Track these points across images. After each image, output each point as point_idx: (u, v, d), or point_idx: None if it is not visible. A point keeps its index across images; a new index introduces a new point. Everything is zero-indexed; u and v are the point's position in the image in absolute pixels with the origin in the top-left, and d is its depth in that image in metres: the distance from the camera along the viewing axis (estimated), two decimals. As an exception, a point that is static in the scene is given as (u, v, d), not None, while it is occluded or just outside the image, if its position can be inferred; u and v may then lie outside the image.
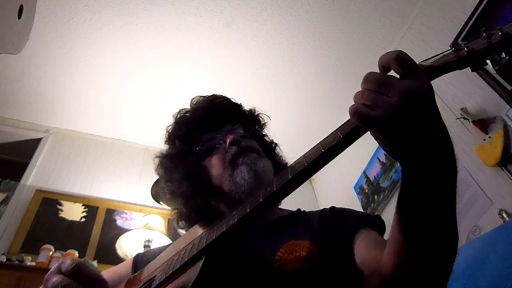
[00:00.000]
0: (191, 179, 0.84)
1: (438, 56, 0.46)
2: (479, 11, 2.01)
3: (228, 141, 0.83)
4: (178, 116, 0.94)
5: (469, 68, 0.45)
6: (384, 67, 0.44)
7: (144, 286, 0.62)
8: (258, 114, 1.00)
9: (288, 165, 0.62)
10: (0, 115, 3.09)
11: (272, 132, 1.02)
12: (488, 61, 0.43)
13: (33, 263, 2.20)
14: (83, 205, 2.79)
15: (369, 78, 0.43)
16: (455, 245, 0.52)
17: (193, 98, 0.97)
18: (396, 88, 0.41)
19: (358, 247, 0.67)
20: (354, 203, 2.88)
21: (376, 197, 2.70)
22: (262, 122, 1.00)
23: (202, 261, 0.56)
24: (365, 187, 2.88)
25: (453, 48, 0.45)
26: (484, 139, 1.85)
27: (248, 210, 0.53)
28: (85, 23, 2.51)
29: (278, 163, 0.94)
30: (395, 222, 0.52)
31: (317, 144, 0.50)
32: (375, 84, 0.42)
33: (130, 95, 3.00)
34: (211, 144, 0.86)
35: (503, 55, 0.42)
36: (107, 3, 2.40)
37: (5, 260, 2.17)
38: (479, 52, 0.43)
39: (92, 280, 0.56)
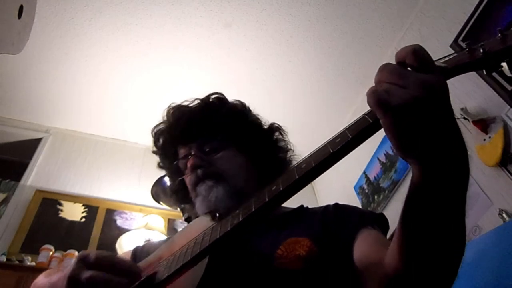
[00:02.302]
0: (178, 192, 0.92)
1: (451, 57, 0.45)
2: (479, 11, 2.01)
3: (188, 166, 0.84)
4: (156, 130, 0.96)
5: (483, 70, 0.44)
6: (400, 61, 0.43)
7: (144, 279, 0.61)
8: (243, 108, 0.95)
9: (293, 164, 0.61)
10: (0, 115, 3.09)
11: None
12: (504, 64, 0.42)
13: (33, 263, 2.20)
14: (83, 205, 2.79)
15: (385, 69, 0.43)
16: (462, 248, 0.50)
17: (168, 107, 0.94)
18: (412, 80, 0.40)
19: (358, 246, 0.66)
20: (354, 203, 2.86)
21: (376, 197, 2.70)
22: (251, 118, 0.94)
23: (207, 260, 0.56)
24: (365, 187, 2.88)
25: (467, 49, 0.44)
26: (484, 139, 1.85)
27: (253, 209, 0.53)
28: (85, 23, 2.51)
29: (273, 155, 0.93)
30: (401, 222, 0.50)
31: (324, 144, 0.49)
32: (391, 75, 0.42)
33: (130, 95, 3.01)
34: (182, 163, 0.89)
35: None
36: (107, 3, 2.40)
37: (5, 260, 2.17)
38: (495, 54, 0.42)
39: (129, 271, 0.54)
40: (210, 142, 0.86)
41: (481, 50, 0.42)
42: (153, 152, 0.97)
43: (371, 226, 0.71)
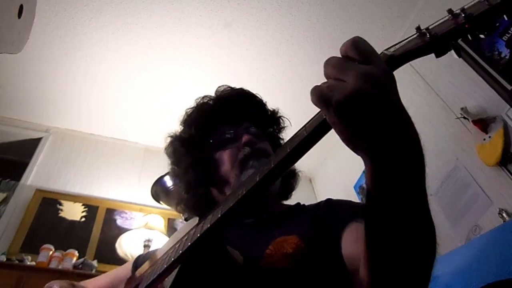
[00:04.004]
0: (197, 169, 0.84)
1: (402, 43, 0.43)
2: (479, 11, 2.01)
3: (243, 140, 0.83)
4: (201, 101, 0.94)
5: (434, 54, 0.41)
6: (344, 56, 0.43)
7: None
8: (280, 116, 1.02)
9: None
10: (0, 115, 3.09)
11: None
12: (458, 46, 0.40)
13: (33, 263, 2.20)
14: (83, 205, 2.79)
15: (328, 64, 0.43)
16: (431, 248, 0.48)
17: (220, 86, 0.97)
18: (352, 73, 0.39)
19: (346, 240, 0.65)
20: (354, 203, 2.87)
21: (376, 197, 2.70)
22: (282, 125, 1.01)
23: (177, 270, 0.55)
24: (365, 186, 2.87)
25: (417, 34, 0.42)
26: (484, 139, 1.85)
27: (214, 219, 0.54)
28: (85, 23, 2.51)
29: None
30: (364, 228, 0.49)
31: (285, 143, 0.49)
32: (333, 69, 0.41)
33: (130, 95, 3.00)
34: (226, 138, 0.86)
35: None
36: (107, 3, 2.40)
37: (5, 260, 2.17)
38: (442, 36, 0.39)
39: None
40: (256, 128, 0.89)
41: (428, 34, 0.40)
42: (184, 122, 0.92)
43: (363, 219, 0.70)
